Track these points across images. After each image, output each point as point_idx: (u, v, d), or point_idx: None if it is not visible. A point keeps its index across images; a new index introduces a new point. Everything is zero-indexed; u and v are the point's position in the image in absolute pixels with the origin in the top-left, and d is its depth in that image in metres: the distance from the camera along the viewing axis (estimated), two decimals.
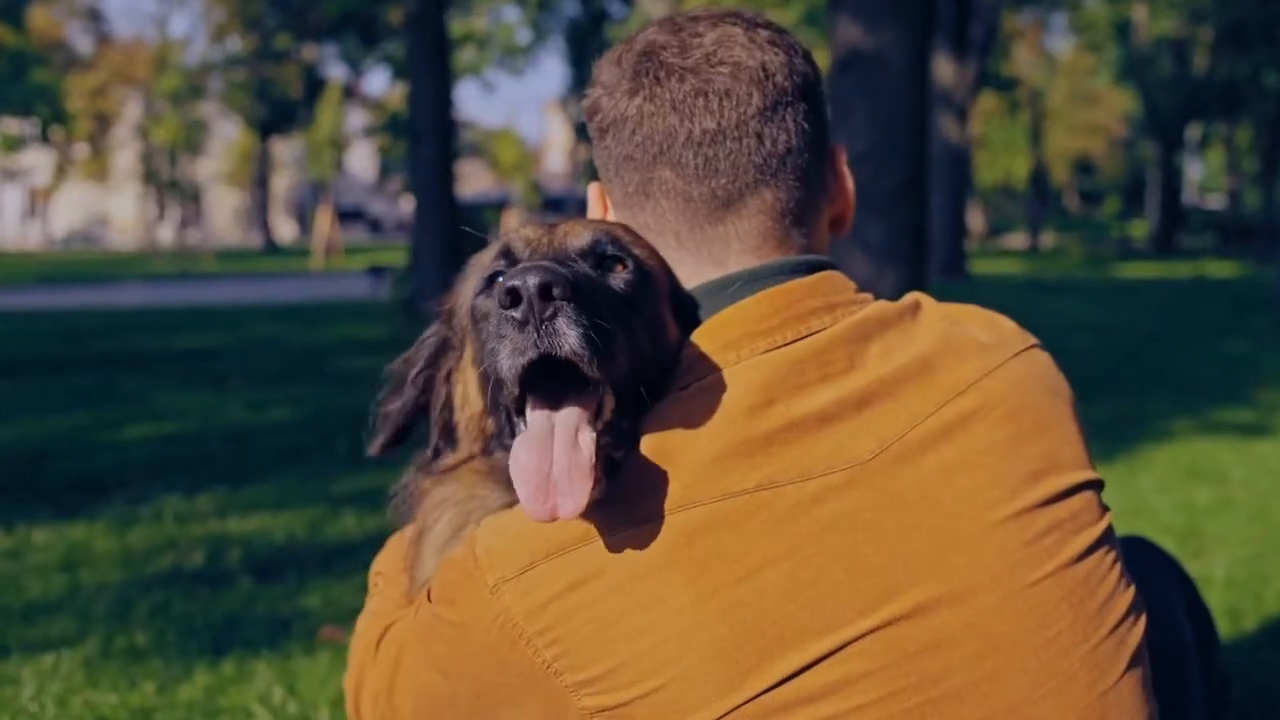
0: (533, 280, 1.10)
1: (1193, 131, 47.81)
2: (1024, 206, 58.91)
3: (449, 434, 1.43)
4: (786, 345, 1.27)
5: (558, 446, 1.15)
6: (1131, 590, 1.29)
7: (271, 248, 53.50)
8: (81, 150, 60.58)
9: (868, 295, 1.38)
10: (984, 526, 1.20)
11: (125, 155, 63.12)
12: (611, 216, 1.48)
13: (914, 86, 6.46)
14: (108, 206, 73.20)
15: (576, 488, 1.12)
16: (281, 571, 4.27)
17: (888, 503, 1.19)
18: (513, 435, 1.25)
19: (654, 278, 1.33)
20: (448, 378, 1.44)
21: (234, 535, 4.79)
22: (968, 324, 1.37)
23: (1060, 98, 59.83)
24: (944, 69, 24.49)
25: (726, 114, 1.37)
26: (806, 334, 1.28)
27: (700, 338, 1.30)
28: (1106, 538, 1.29)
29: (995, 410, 1.27)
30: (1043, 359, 1.39)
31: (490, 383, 1.20)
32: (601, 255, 1.30)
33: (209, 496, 5.45)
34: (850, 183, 1.52)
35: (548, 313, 1.11)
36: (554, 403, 1.18)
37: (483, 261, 1.38)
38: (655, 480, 1.18)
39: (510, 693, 1.23)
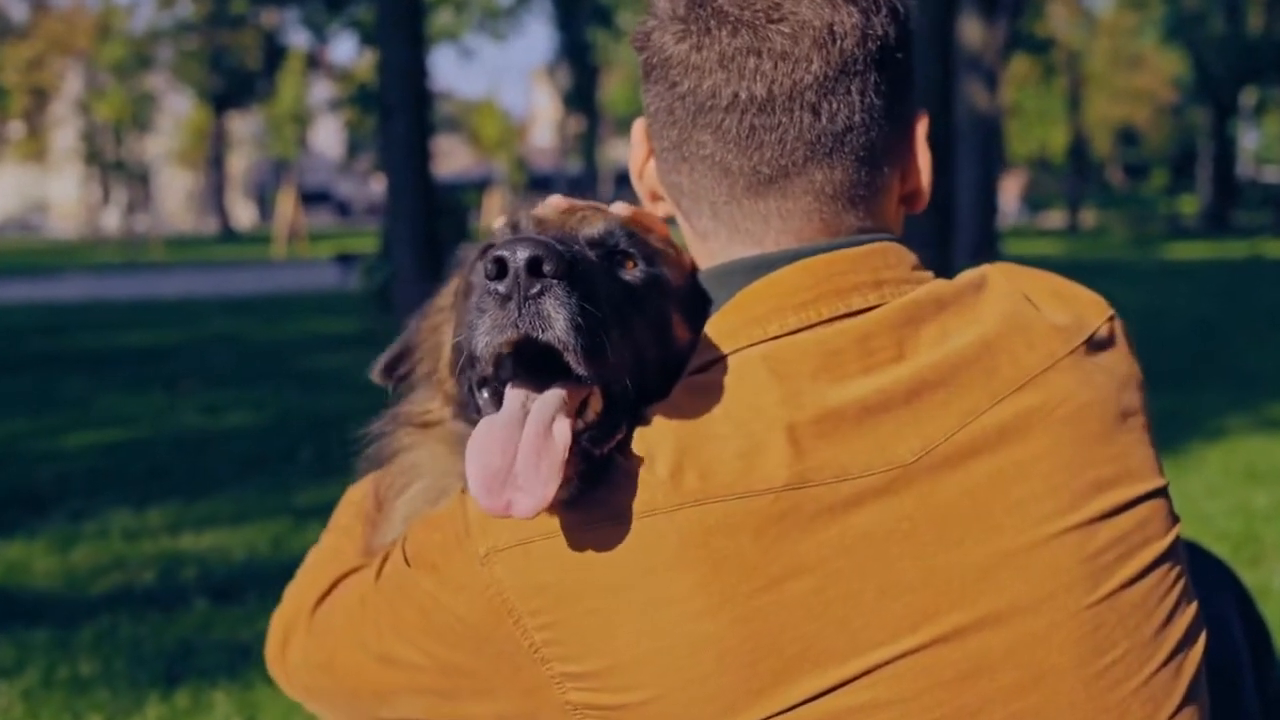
0: (522, 252, 1.08)
1: (1247, 97, 47.81)
2: (1062, 181, 58.96)
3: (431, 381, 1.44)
4: (822, 323, 1.24)
5: (527, 435, 1.12)
6: (1192, 607, 1.27)
7: (228, 234, 53.49)
8: (16, 129, 60.52)
9: (927, 273, 1.33)
10: (1037, 541, 1.18)
11: (65, 133, 63.04)
12: (653, 163, 1.44)
13: (937, 49, 6.46)
14: (46, 190, 73.13)
15: (542, 482, 1.10)
16: (241, 592, 4.27)
17: (930, 513, 1.16)
18: (477, 410, 1.24)
19: (665, 282, 1.32)
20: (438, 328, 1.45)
21: (188, 553, 4.79)
22: (1041, 300, 1.33)
23: (1101, 61, 59.79)
24: (971, 30, 24.42)
25: (779, 81, 1.30)
26: (846, 312, 1.24)
27: (727, 312, 1.28)
28: (1171, 552, 1.26)
29: (1058, 409, 1.23)
30: (1116, 339, 1.35)
31: (463, 355, 1.17)
32: (613, 248, 1.29)
33: (160, 511, 5.45)
34: (928, 157, 1.47)
35: (534, 290, 1.09)
36: (535, 390, 1.17)
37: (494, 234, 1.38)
38: (670, 469, 1.16)
39: (483, 680, 1.22)
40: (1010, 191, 54.01)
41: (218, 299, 19.10)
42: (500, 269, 1.09)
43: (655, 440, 1.18)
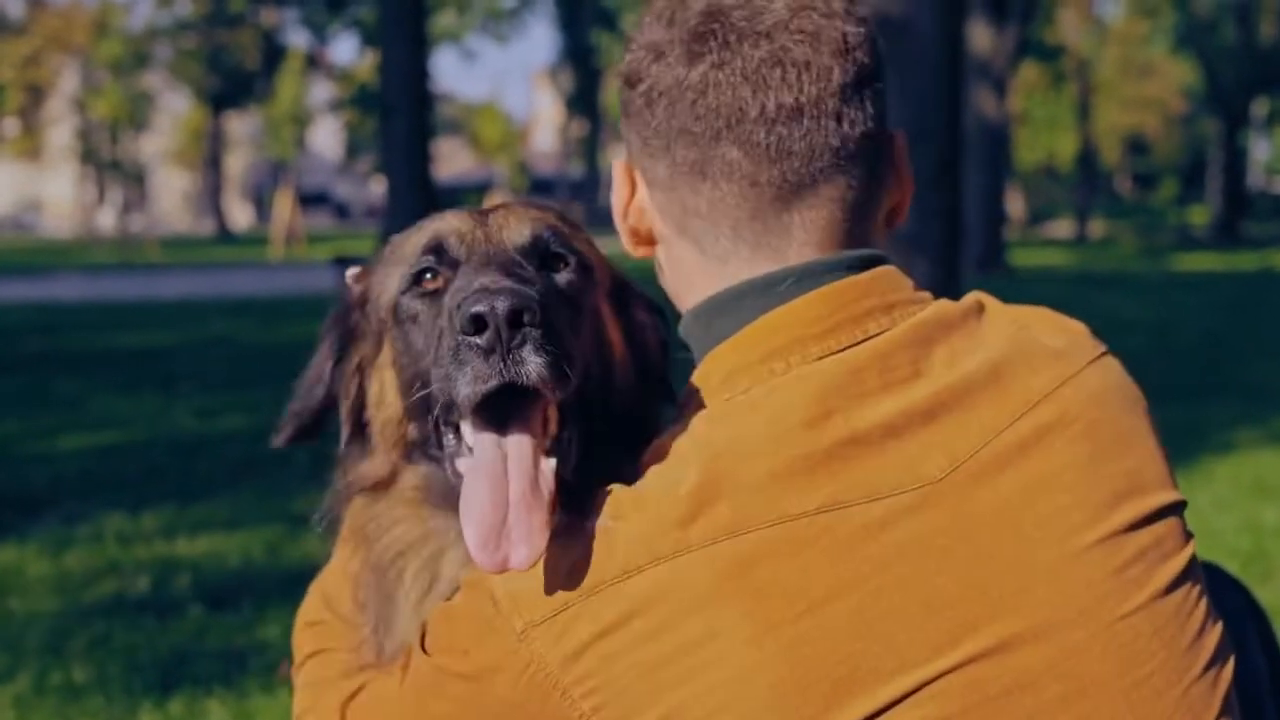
0: (502, 306, 1.13)
1: (1259, 107, 47.85)
2: (1070, 191, 58.97)
3: (360, 430, 1.44)
4: (843, 350, 1.27)
5: (514, 488, 1.18)
6: (1219, 625, 1.30)
7: (225, 235, 53.50)
8: (11, 126, 60.58)
9: (926, 294, 1.39)
10: (1068, 553, 1.21)
11: (60, 131, 63.12)
12: (644, 196, 1.46)
13: (946, 56, 6.46)
14: (41, 189, 73.22)
15: (535, 536, 1.15)
16: (236, 599, 4.27)
17: (963, 527, 1.19)
18: (439, 446, 1.29)
19: (593, 273, 1.36)
20: (358, 369, 1.44)
21: (183, 558, 4.79)
22: (1036, 328, 1.38)
23: (1111, 69, 59.84)
24: (980, 37, 24.52)
25: (806, 89, 1.34)
26: (864, 338, 1.29)
27: (744, 344, 1.31)
28: (1192, 567, 1.29)
29: (1074, 424, 1.27)
30: (1115, 366, 1.40)
31: (436, 403, 1.22)
32: (545, 253, 1.33)
33: (154, 515, 5.45)
34: (909, 171, 1.51)
35: (516, 341, 1.14)
36: (499, 420, 1.21)
37: (404, 250, 1.38)
38: (702, 504, 1.17)
39: None
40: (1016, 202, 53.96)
41: (214, 301, 19.10)
42: (478, 325, 1.14)
43: (679, 476, 1.20)
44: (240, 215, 73.16)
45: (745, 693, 1.13)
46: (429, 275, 1.33)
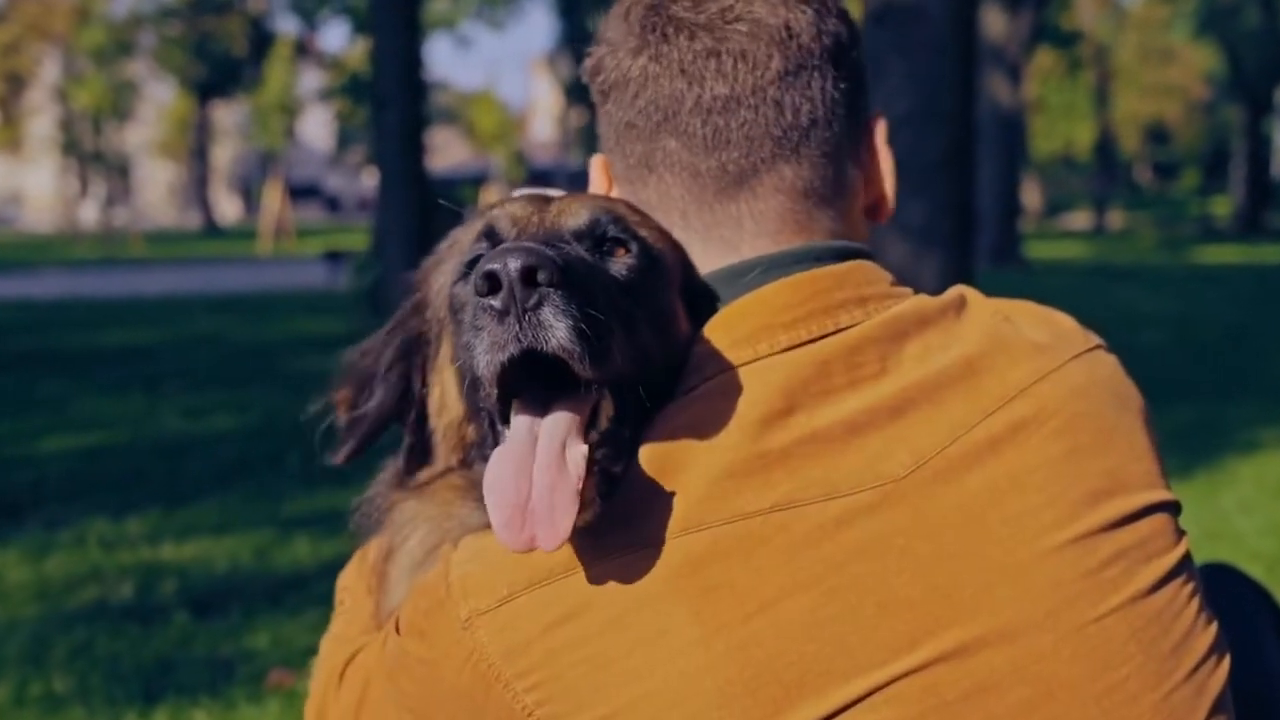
0: (514, 263, 1.09)
1: None
2: (1088, 181, 58.99)
3: (424, 443, 1.44)
4: (811, 342, 1.28)
5: (540, 464, 1.14)
6: (1213, 628, 1.30)
7: (212, 229, 53.61)
8: None
9: (906, 289, 1.39)
10: (1037, 554, 1.21)
11: (42, 122, 63.15)
12: (615, 192, 1.50)
13: (959, 41, 6.46)
14: (21, 182, 73.31)
15: (559, 515, 1.11)
16: (224, 606, 4.27)
17: (925, 527, 1.19)
18: (495, 444, 1.25)
19: (662, 263, 1.33)
20: (423, 379, 1.44)
21: (168, 564, 4.79)
22: (1020, 321, 1.38)
23: (1130, 54, 59.86)
24: (994, 21, 24.53)
25: (741, 78, 1.39)
26: (834, 330, 1.29)
27: (711, 331, 1.31)
28: (1183, 567, 1.29)
29: (1051, 420, 1.27)
30: (1108, 362, 1.40)
31: (467, 383, 1.20)
32: (601, 237, 1.30)
33: (139, 519, 5.46)
34: (890, 161, 1.54)
35: (532, 301, 1.09)
36: (541, 408, 1.18)
37: (462, 242, 1.38)
38: (655, 498, 1.18)
39: None
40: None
41: (201, 297, 19.13)
42: (492, 283, 1.10)
43: (640, 468, 1.20)
44: (228, 208, 73.25)
45: (693, 693, 1.13)
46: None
